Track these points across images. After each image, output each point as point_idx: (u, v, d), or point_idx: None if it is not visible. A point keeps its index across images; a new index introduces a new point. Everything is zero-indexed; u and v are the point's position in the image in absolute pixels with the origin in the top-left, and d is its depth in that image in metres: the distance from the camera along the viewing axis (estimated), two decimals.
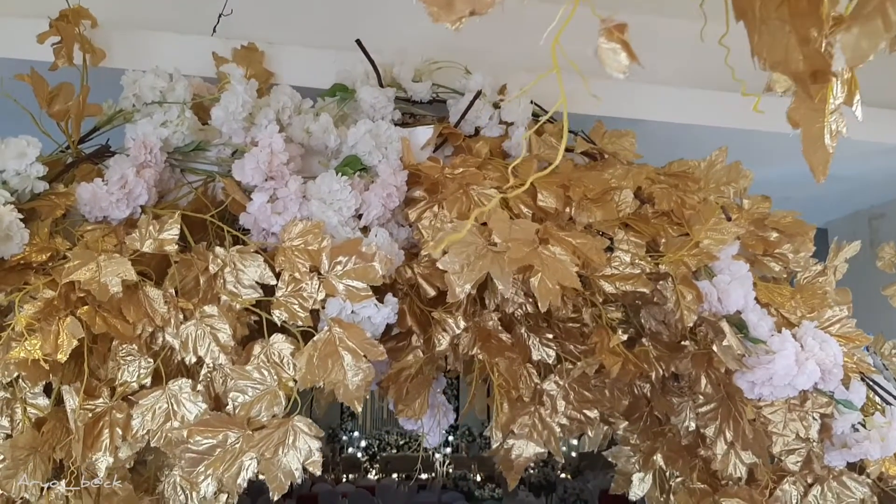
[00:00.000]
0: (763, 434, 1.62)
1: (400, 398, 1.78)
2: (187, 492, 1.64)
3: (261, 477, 1.42)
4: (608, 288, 1.66)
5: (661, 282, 1.68)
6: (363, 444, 18.12)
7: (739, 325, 1.61)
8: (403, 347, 1.80)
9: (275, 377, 1.46)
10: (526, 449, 1.82)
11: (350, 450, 18.13)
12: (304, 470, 1.39)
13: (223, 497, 1.71)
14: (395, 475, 15.71)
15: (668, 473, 1.93)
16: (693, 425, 1.78)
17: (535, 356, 1.79)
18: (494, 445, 1.78)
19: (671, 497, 1.91)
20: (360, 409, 1.48)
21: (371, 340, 1.48)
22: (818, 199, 3.09)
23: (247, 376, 1.45)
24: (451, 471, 16.41)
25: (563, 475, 15.70)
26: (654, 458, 1.87)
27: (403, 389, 1.78)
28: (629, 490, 1.95)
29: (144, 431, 1.44)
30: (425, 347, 1.77)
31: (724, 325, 1.58)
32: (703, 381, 1.70)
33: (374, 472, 16.83)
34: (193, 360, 1.48)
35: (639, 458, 1.94)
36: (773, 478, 1.68)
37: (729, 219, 1.64)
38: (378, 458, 17.71)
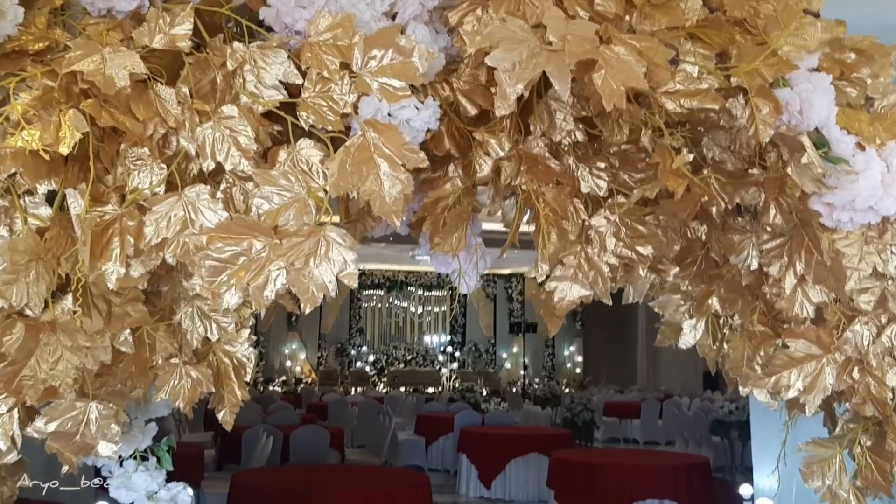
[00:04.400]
0: (840, 263, 1.47)
1: (437, 230, 1.62)
2: (206, 323, 1.51)
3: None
4: (671, 106, 1.48)
5: (730, 99, 1.50)
6: (371, 358, 18.29)
7: (820, 142, 1.44)
8: (440, 177, 1.64)
9: (303, 185, 1.30)
10: (570, 291, 1.67)
11: (358, 364, 18.31)
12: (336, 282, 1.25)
13: (245, 332, 1.59)
14: (402, 388, 15.90)
15: (721, 321, 1.79)
16: (755, 263, 1.63)
17: (585, 188, 1.63)
18: (539, 280, 1.63)
19: (724, 345, 1.78)
20: (398, 224, 1.33)
21: (411, 146, 1.32)
22: None
23: (272, 181, 1.29)
24: (457, 385, 16.64)
25: (567, 390, 15.93)
26: (709, 301, 1.73)
27: (440, 221, 1.62)
28: (677, 340, 1.82)
29: (159, 239, 1.29)
30: (464, 175, 1.61)
31: (805, 140, 1.41)
32: (772, 211, 1.53)
33: (381, 385, 17.04)
34: (212, 166, 1.32)
35: (690, 306, 1.80)
36: (847, 314, 1.53)
37: (816, 16, 1.45)
38: (386, 371, 17.90)
